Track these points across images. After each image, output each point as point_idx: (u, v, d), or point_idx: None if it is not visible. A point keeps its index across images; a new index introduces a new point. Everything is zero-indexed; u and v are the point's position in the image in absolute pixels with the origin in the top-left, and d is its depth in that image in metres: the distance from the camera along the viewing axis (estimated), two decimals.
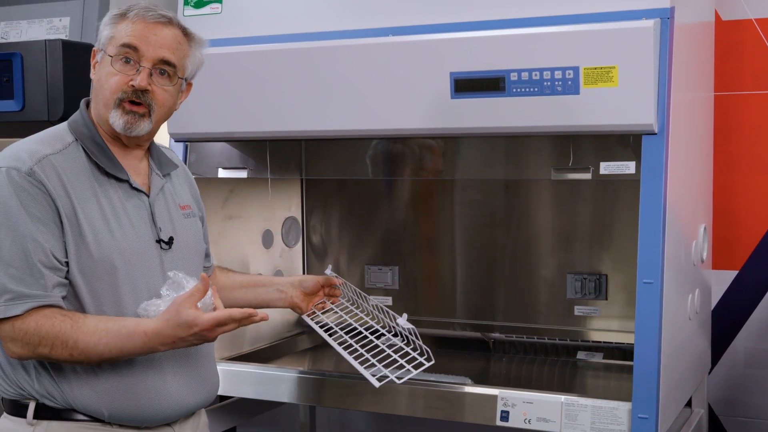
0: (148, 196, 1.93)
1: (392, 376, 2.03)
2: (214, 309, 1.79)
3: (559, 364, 2.81)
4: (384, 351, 2.13)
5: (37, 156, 1.81)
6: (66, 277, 1.79)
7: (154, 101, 1.88)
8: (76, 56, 2.61)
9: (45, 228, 1.77)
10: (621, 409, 2.09)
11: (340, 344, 2.21)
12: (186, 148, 2.64)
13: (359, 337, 2.24)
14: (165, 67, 1.89)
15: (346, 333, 2.25)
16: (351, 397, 2.41)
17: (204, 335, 1.77)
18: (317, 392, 2.44)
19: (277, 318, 3.05)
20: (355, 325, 2.28)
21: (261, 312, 1.82)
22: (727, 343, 2.91)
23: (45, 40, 2.65)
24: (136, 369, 1.84)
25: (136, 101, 1.86)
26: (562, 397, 2.16)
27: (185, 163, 2.52)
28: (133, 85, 1.85)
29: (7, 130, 2.71)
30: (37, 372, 1.82)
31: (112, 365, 1.81)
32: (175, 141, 2.63)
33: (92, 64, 1.93)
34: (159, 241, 1.91)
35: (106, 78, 1.86)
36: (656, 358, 2.05)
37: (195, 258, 2.03)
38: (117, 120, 1.86)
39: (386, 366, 2.07)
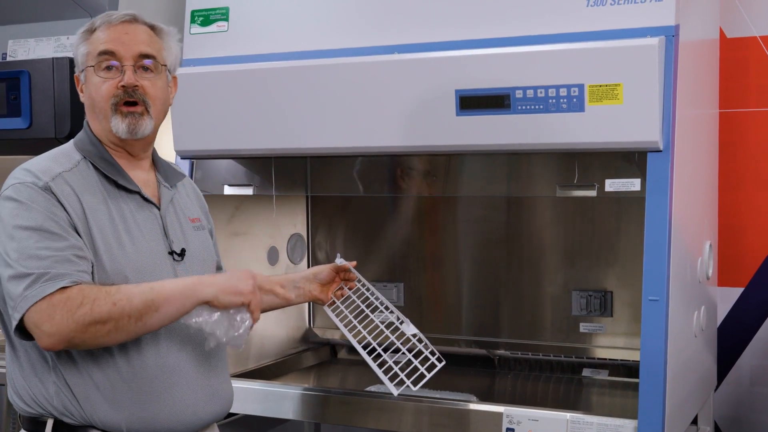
0: (158, 209, 1.94)
1: (408, 382, 2.11)
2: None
3: (564, 381, 2.81)
4: (398, 350, 2.19)
5: (52, 173, 1.82)
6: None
7: (147, 96, 1.90)
8: None
9: (66, 233, 1.77)
10: (627, 426, 2.08)
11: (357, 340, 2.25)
12: (192, 165, 2.65)
13: (374, 328, 2.26)
14: (146, 62, 1.91)
15: (365, 328, 2.27)
16: (355, 414, 2.41)
17: (252, 292, 1.87)
18: (322, 409, 2.44)
19: (282, 334, 3.05)
20: (372, 316, 2.29)
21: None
22: (733, 360, 2.90)
23: (52, 58, 2.66)
24: (154, 381, 1.83)
25: (130, 101, 1.88)
26: (568, 415, 2.15)
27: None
28: (123, 86, 1.87)
29: (14, 148, 2.72)
30: (57, 388, 1.81)
31: (129, 379, 1.81)
32: (182, 158, 2.64)
33: (79, 89, 1.96)
34: (171, 252, 1.92)
35: (96, 89, 1.89)
36: (662, 375, 2.05)
37: (206, 270, 2.03)
38: (119, 125, 1.88)
39: (403, 367, 2.15)
